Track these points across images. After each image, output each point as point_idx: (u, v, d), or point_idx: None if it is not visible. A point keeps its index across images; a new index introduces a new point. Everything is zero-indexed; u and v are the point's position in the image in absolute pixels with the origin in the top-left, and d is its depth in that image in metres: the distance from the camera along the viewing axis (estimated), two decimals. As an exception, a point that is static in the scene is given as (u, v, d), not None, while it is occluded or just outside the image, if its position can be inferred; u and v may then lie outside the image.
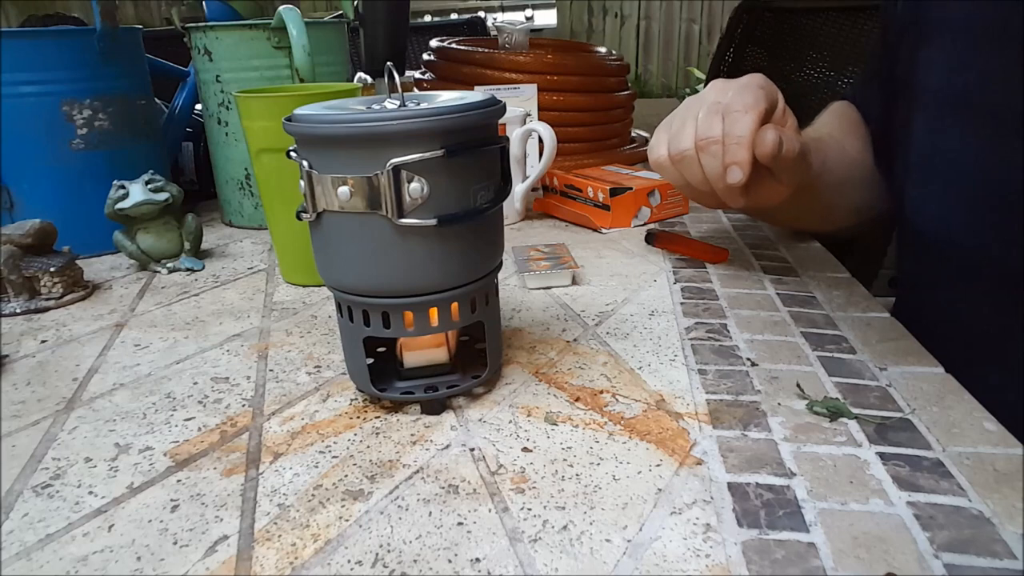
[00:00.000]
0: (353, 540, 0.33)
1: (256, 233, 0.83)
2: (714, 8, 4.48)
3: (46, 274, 0.62)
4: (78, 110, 0.73)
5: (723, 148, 0.49)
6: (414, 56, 1.83)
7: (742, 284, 0.61)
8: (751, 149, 0.49)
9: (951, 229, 0.56)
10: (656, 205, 0.80)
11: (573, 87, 0.97)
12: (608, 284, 0.63)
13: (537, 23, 4.32)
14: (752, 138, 0.49)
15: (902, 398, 0.43)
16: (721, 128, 0.50)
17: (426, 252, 0.40)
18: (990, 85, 0.51)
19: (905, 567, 0.30)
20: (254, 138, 0.62)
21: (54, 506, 0.37)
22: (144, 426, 0.44)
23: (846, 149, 0.65)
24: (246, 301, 0.63)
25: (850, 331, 0.52)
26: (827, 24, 1.23)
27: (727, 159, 0.49)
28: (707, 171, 0.51)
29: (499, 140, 0.42)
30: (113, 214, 0.67)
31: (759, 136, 0.49)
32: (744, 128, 0.49)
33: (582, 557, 0.32)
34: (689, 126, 0.51)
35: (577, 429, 0.41)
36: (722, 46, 1.44)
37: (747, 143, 0.49)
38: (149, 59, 0.83)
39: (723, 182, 0.50)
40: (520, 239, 0.76)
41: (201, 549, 0.33)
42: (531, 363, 0.49)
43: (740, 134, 0.49)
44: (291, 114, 0.40)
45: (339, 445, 0.41)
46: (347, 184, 0.38)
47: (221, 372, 0.50)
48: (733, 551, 0.32)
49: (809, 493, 0.35)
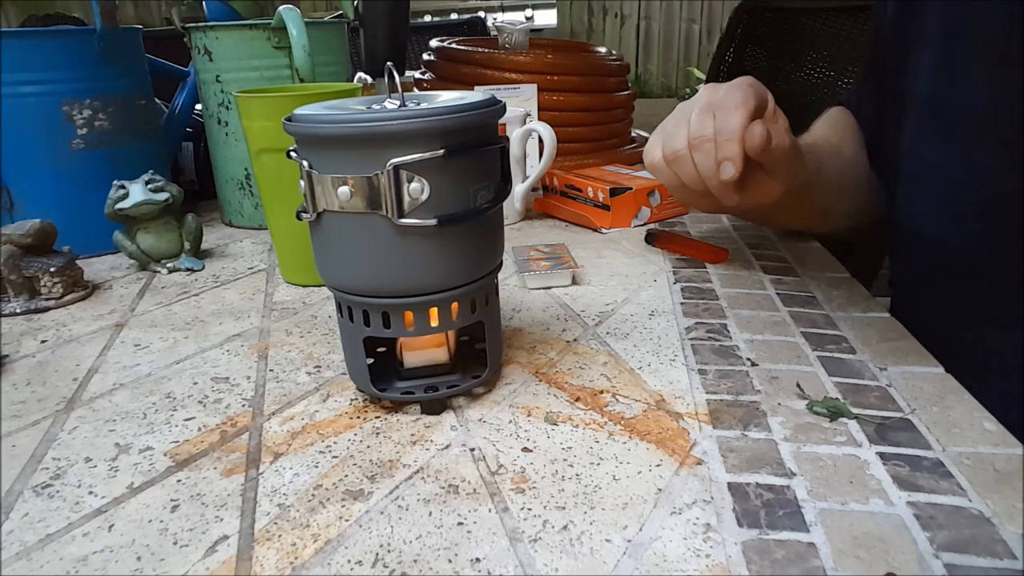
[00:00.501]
0: (353, 540, 0.33)
1: (256, 233, 0.83)
2: (714, 8, 4.48)
3: (46, 274, 0.62)
4: (78, 110, 0.73)
5: (715, 145, 0.50)
6: (414, 56, 1.83)
7: (742, 284, 0.61)
8: (742, 144, 0.49)
9: (938, 233, 0.56)
10: (656, 205, 0.80)
11: (573, 87, 0.97)
12: (608, 284, 0.63)
13: (537, 23, 4.32)
14: (742, 133, 0.49)
15: (902, 398, 0.43)
16: (712, 126, 0.50)
17: (426, 252, 0.40)
18: (970, 93, 0.52)
19: (905, 567, 0.30)
20: (254, 138, 0.62)
21: (54, 506, 0.37)
22: (144, 426, 0.44)
23: (842, 153, 0.66)
24: (246, 301, 0.63)
25: (850, 331, 0.52)
26: (827, 24, 1.23)
27: (719, 155, 0.50)
28: (700, 169, 0.51)
29: (499, 140, 0.42)
30: (113, 214, 0.67)
31: (748, 131, 0.49)
32: (734, 124, 0.50)
33: (582, 557, 0.32)
34: (682, 127, 0.52)
35: (577, 429, 0.41)
36: (722, 46, 1.44)
37: (738, 138, 0.49)
38: (149, 59, 0.83)
39: (717, 179, 0.51)
40: (520, 239, 0.76)
41: (201, 549, 0.33)
42: (531, 363, 0.49)
43: (731, 130, 0.50)
44: (291, 114, 0.40)
45: (339, 445, 0.41)
46: (347, 184, 0.38)
47: (221, 372, 0.50)
48: (733, 551, 0.32)
49: (809, 493, 0.35)
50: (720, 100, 0.51)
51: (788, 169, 0.52)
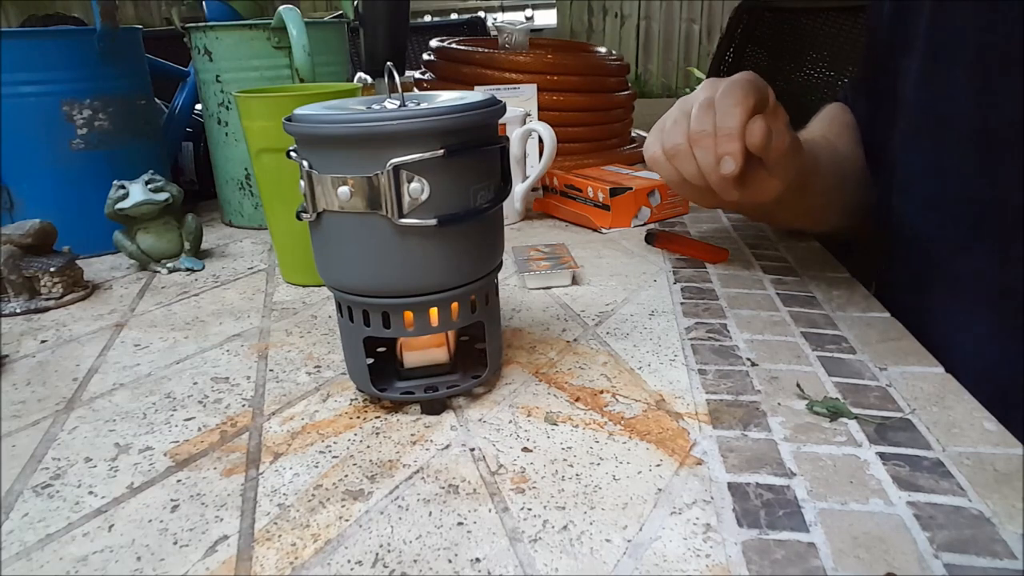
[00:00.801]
0: (353, 540, 0.33)
1: (256, 233, 0.83)
2: (714, 8, 4.48)
3: (46, 274, 0.62)
4: (78, 110, 0.73)
5: (715, 141, 0.50)
6: (414, 56, 1.83)
7: (742, 284, 0.61)
8: (742, 140, 0.50)
9: (923, 237, 0.56)
10: (656, 205, 0.80)
11: (573, 87, 0.97)
12: (608, 284, 0.63)
13: (537, 23, 4.32)
14: (742, 130, 0.50)
15: (902, 398, 0.43)
16: (712, 122, 0.51)
17: (426, 252, 0.40)
18: (952, 98, 0.52)
19: (905, 567, 0.30)
20: (254, 138, 0.62)
21: (54, 506, 0.37)
22: (144, 426, 0.44)
23: (839, 150, 0.66)
24: (246, 301, 0.63)
25: (850, 331, 0.52)
26: (827, 24, 1.23)
27: (719, 150, 0.50)
28: (701, 164, 0.52)
29: (499, 140, 0.42)
30: (113, 214, 0.67)
31: (748, 127, 0.49)
32: (734, 120, 0.50)
33: (582, 557, 0.32)
34: (682, 122, 0.53)
35: (577, 429, 0.41)
36: (722, 46, 1.44)
37: (738, 134, 0.50)
38: (149, 59, 0.83)
39: (717, 174, 0.51)
40: (520, 239, 0.76)
41: (201, 549, 0.33)
42: (531, 363, 0.49)
43: (731, 126, 0.50)
44: (291, 114, 0.40)
45: (339, 445, 0.41)
46: (347, 184, 0.38)
47: (221, 372, 0.50)
48: (733, 551, 0.32)
49: (809, 493, 0.35)
50: (720, 95, 0.51)
51: (788, 165, 0.53)
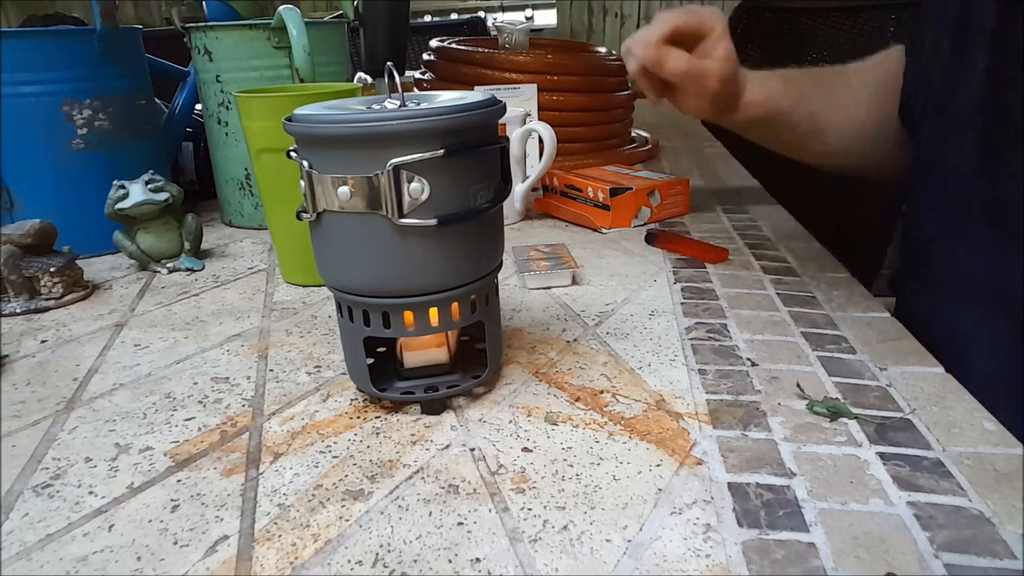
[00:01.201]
0: (353, 540, 0.33)
1: (256, 233, 0.83)
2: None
3: (46, 274, 0.62)
4: (78, 110, 0.73)
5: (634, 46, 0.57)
6: (414, 56, 1.83)
7: (742, 284, 0.61)
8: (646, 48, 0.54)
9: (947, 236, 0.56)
10: (656, 205, 0.80)
11: (573, 87, 0.97)
12: (608, 284, 0.63)
13: (537, 23, 4.32)
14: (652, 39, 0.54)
15: (902, 398, 0.43)
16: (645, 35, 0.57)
17: (426, 252, 0.40)
18: (971, 89, 0.52)
19: (905, 567, 0.30)
20: (254, 138, 0.62)
21: (54, 506, 0.37)
22: (144, 426, 0.44)
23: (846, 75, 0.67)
24: (246, 301, 0.63)
25: (850, 331, 0.52)
26: (827, 24, 1.23)
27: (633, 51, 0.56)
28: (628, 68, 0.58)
29: (499, 140, 0.42)
30: (113, 214, 0.67)
31: (663, 55, 0.54)
32: (646, 33, 0.55)
33: (582, 557, 0.32)
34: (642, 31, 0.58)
35: (577, 429, 0.41)
36: (722, 46, 1.43)
37: (643, 42, 0.55)
38: (149, 59, 0.83)
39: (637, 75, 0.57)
40: (520, 239, 0.76)
41: (201, 549, 0.33)
42: (531, 363, 0.49)
43: (640, 37, 0.55)
44: (291, 114, 0.40)
45: (339, 445, 0.41)
46: (347, 184, 0.38)
47: (221, 372, 0.50)
48: (733, 551, 0.32)
49: (809, 493, 0.35)
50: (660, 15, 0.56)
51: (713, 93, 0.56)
